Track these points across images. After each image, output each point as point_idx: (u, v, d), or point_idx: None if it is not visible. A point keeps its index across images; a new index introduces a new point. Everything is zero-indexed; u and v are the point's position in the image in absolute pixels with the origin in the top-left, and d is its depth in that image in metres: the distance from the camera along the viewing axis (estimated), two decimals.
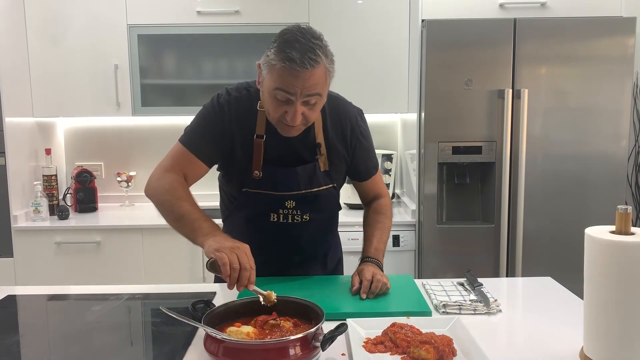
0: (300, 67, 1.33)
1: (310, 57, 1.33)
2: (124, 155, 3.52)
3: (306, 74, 1.34)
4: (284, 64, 1.34)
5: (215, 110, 1.57)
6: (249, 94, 1.57)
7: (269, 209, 1.59)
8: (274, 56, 1.37)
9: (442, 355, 1.12)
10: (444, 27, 2.72)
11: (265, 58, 1.41)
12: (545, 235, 2.79)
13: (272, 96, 1.40)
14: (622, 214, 1.08)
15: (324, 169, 1.60)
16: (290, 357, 1.08)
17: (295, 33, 1.37)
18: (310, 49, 1.34)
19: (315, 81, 1.37)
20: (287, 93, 1.37)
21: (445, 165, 2.84)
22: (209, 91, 3.14)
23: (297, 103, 1.38)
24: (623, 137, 2.75)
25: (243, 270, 1.27)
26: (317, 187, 1.60)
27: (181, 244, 2.95)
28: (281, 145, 1.54)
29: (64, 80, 3.12)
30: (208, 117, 1.59)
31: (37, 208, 3.01)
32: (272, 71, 1.38)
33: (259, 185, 1.57)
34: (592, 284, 1.10)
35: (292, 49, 1.34)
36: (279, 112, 1.41)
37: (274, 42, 1.40)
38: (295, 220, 1.60)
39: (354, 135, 1.64)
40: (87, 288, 1.69)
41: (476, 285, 1.55)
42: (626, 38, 2.69)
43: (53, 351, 1.29)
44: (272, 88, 1.38)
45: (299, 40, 1.35)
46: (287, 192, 1.57)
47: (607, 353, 1.08)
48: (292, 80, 1.35)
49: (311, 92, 1.37)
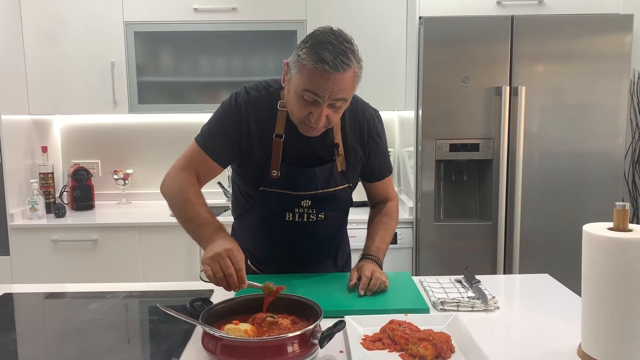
0: (332, 69, 1.32)
1: (343, 60, 1.33)
2: (121, 153, 3.51)
3: (337, 77, 1.34)
4: (317, 65, 1.33)
5: (232, 110, 1.54)
6: (268, 93, 1.55)
7: (285, 208, 1.59)
8: (306, 56, 1.35)
9: (440, 352, 1.12)
10: (442, 25, 2.72)
11: (295, 57, 1.39)
12: (543, 232, 2.80)
13: (299, 96, 1.39)
14: (619, 210, 1.08)
15: (341, 169, 1.61)
16: (288, 354, 1.08)
17: (329, 35, 1.36)
18: (343, 52, 1.34)
19: (344, 85, 1.37)
20: (315, 95, 1.36)
21: (443, 163, 2.84)
22: (206, 88, 3.19)
23: (324, 105, 1.38)
24: (620, 134, 2.75)
25: (228, 277, 1.29)
26: (334, 187, 1.60)
27: (178, 241, 2.96)
28: (300, 144, 1.54)
29: (61, 78, 3.11)
30: (225, 117, 1.56)
31: (34, 206, 3.00)
32: (302, 71, 1.37)
33: (276, 185, 1.56)
34: (590, 280, 1.10)
35: (325, 50, 1.33)
36: (304, 112, 1.41)
37: (305, 43, 1.38)
38: (311, 219, 1.61)
39: (371, 136, 1.64)
40: (84, 286, 1.69)
41: (474, 283, 1.55)
42: (623, 35, 2.69)
43: (50, 349, 1.29)
44: (300, 88, 1.38)
45: (332, 42, 1.34)
46: (304, 192, 1.57)
47: (605, 350, 1.09)
48: (322, 82, 1.34)
49: (339, 96, 1.38)
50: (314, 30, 1.40)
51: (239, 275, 1.30)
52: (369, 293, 1.48)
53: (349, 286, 1.52)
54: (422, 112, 2.78)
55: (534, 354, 1.17)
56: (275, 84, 1.57)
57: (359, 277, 1.52)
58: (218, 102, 3.25)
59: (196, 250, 2.95)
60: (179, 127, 3.50)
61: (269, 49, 3.13)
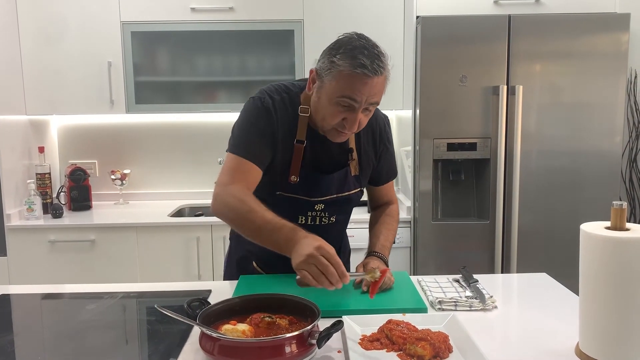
0: (371, 73, 1.34)
1: (379, 64, 1.36)
2: (118, 153, 3.50)
3: (374, 81, 1.36)
4: (356, 70, 1.34)
5: (263, 113, 1.52)
6: (289, 97, 1.55)
7: (299, 212, 1.59)
8: (342, 62, 1.36)
9: (438, 352, 1.12)
10: (439, 24, 2.72)
11: (327, 64, 1.40)
12: (540, 231, 2.80)
13: (334, 103, 1.40)
14: (617, 209, 1.08)
15: (355, 174, 1.62)
16: (285, 354, 1.08)
17: (360, 40, 1.39)
18: (377, 55, 1.37)
19: (379, 89, 1.40)
20: (353, 100, 1.37)
21: (440, 162, 2.84)
22: (203, 88, 3.19)
23: (359, 110, 1.39)
24: (617, 133, 2.75)
25: (329, 276, 1.23)
26: (347, 192, 1.62)
27: (176, 242, 2.95)
28: (318, 150, 1.55)
29: (57, 78, 3.10)
30: (258, 121, 1.52)
31: (31, 206, 2.99)
32: (339, 77, 1.37)
33: (294, 190, 1.56)
34: (588, 279, 1.10)
35: (362, 55, 1.35)
36: (338, 118, 1.42)
37: (336, 49, 1.39)
38: (323, 222, 1.62)
39: (382, 141, 1.67)
40: (81, 287, 1.68)
41: (472, 282, 1.55)
42: (620, 34, 2.69)
43: (47, 350, 1.28)
44: (337, 94, 1.38)
45: (366, 47, 1.37)
46: (320, 198, 1.58)
47: (602, 348, 1.09)
48: (360, 87, 1.36)
49: (373, 100, 1.40)
50: (343, 38, 1.42)
51: (339, 271, 1.24)
52: None
53: (355, 282, 1.53)
54: (419, 112, 2.78)
55: (531, 353, 1.17)
56: (295, 87, 1.56)
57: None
58: (215, 101, 3.29)
59: (193, 251, 2.94)
60: (176, 127, 3.50)
61: (266, 49, 3.13)
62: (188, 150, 3.52)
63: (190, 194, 3.51)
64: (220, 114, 3.34)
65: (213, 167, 3.44)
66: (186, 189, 3.53)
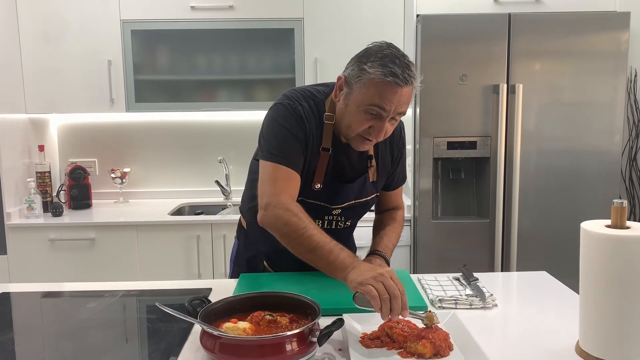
0: (403, 82, 1.34)
1: (409, 73, 1.36)
2: (118, 151, 3.50)
3: (403, 90, 1.36)
4: (388, 78, 1.34)
5: (296, 119, 1.49)
6: (315, 103, 1.53)
7: (317, 216, 1.58)
8: (374, 70, 1.35)
9: (439, 350, 1.12)
10: (439, 22, 2.72)
11: (357, 72, 1.39)
12: (540, 229, 2.80)
13: (362, 110, 1.40)
14: (617, 208, 1.08)
15: (372, 180, 1.62)
16: (286, 352, 1.08)
17: (390, 49, 1.39)
18: (407, 65, 1.37)
19: (408, 99, 1.40)
20: (382, 109, 1.38)
21: (440, 161, 2.85)
22: (203, 87, 3.19)
23: (387, 119, 1.40)
24: (617, 132, 2.76)
25: (394, 299, 1.18)
26: (365, 197, 1.63)
27: (176, 240, 2.95)
28: (342, 158, 1.56)
29: (57, 77, 3.10)
30: (293, 127, 1.49)
31: (31, 205, 2.99)
32: (369, 85, 1.37)
33: (316, 197, 1.56)
34: (588, 278, 1.11)
35: (394, 64, 1.35)
36: (365, 126, 1.42)
37: (368, 57, 1.38)
38: (339, 226, 1.63)
39: (398, 147, 1.68)
40: (81, 285, 1.68)
41: (472, 280, 1.55)
42: (620, 33, 2.69)
43: (48, 348, 1.28)
44: (366, 103, 1.38)
45: (397, 56, 1.37)
46: (339, 205, 1.59)
47: (603, 346, 1.09)
48: (390, 96, 1.36)
49: (402, 109, 1.41)
50: (371, 46, 1.41)
51: (403, 300, 1.19)
52: None
53: None
54: (419, 110, 2.78)
55: (532, 351, 1.17)
56: (319, 94, 1.55)
57: None
58: (215, 100, 3.29)
59: (194, 249, 2.95)
60: (176, 125, 3.49)
61: (266, 47, 3.13)
62: (188, 149, 3.52)
63: (190, 193, 3.51)
64: (220, 112, 3.34)
65: (213, 165, 3.44)
66: (186, 188, 3.53)
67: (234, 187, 3.43)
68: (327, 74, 3.05)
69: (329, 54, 3.06)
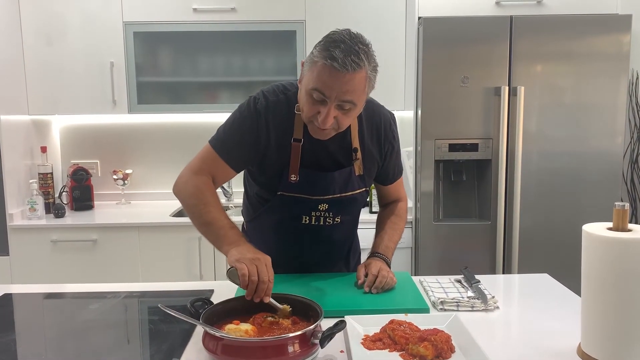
0: (340, 67, 1.30)
1: (353, 59, 1.31)
2: (120, 153, 3.51)
3: (345, 77, 1.32)
4: (326, 62, 1.32)
5: (252, 116, 1.51)
6: (286, 97, 1.54)
7: (302, 211, 1.58)
8: (317, 53, 1.35)
9: (441, 352, 1.13)
10: (441, 25, 2.72)
11: (309, 55, 1.39)
12: (541, 232, 2.80)
13: (308, 94, 1.39)
14: (619, 210, 1.09)
15: (359, 173, 1.61)
16: (288, 354, 1.08)
17: (343, 35, 1.36)
18: (355, 52, 1.32)
19: (353, 87, 1.34)
20: (322, 94, 1.35)
21: (442, 163, 2.85)
22: (206, 89, 3.19)
23: (331, 106, 1.36)
24: (618, 134, 2.75)
25: (261, 283, 1.27)
26: (352, 191, 1.61)
27: (178, 241, 2.96)
28: (318, 149, 1.54)
29: (60, 78, 3.10)
30: (243, 123, 1.52)
31: (33, 206, 3.00)
32: (312, 68, 1.36)
33: (295, 189, 1.55)
34: (590, 280, 1.11)
35: (337, 48, 1.32)
36: (313, 111, 1.40)
37: (320, 41, 1.38)
38: (327, 222, 1.61)
39: (387, 139, 1.65)
40: (83, 286, 1.69)
41: (473, 282, 1.56)
42: (622, 35, 2.69)
43: (49, 350, 1.29)
44: (310, 86, 1.37)
45: (345, 41, 1.33)
46: (322, 197, 1.57)
47: (604, 349, 1.09)
48: (329, 80, 1.33)
49: (346, 98, 1.35)
50: (331, 31, 1.39)
51: (268, 287, 1.28)
52: (375, 291, 1.49)
53: (357, 284, 1.53)
54: (421, 112, 2.78)
55: (533, 353, 1.17)
56: (293, 87, 1.55)
57: (366, 274, 1.53)
58: (217, 102, 3.30)
59: (195, 251, 2.95)
60: (178, 127, 3.50)
61: (268, 49, 3.13)
62: (190, 151, 3.46)
63: None
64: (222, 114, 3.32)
65: None
66: None
67: (235, 189, 3.43)
68: None
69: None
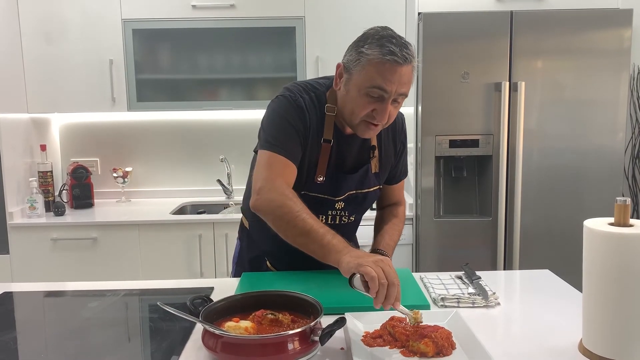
0: (402, 60, 1.35)
1: (407, 52, 1.36)
2: (120, 151, 3.51)
3: (403, 69, 1.36)
4: (386, 57, 1.34)
5: (298, 111, 1.49)
6: (316, 96, 1.53)
7: (320, 211, 1.57)
8: (371, 51, 1.36)
9: (441, 349, 1.12)
10: (441, 20, 2.72)
11: (355, 56, 1.40)
12: (542, 227, 2.80)
13: (363, 93, 1.39)
14: (620, 205, 1.08)
15: (375, 171, 1.61)
16: (288, 351, 1.08)
17: (387, 30, 1.40)
18: (404, 45, 1.37)
19: (408, 78, 1.39)
20: (383, 90, 1.37)
21: (443, 159, 2.84)
22: (205, 86, 3.19)
23: (389, 101, 1.39)
24: (620, 129, 2.75)
25: (391, 286, 1.18)
26: (367, 189, 1.61)
27: (178, 239, 2.95)
28: (344, 149, 1.55)
29: (59, 76, 3.10)
30: (292, 118, 1.49)
31: (33, 204, 2.99)
32: (369, 66, 1.37)
33: (320, 190, 1.55)
34: (591, 276, 1.10)
35: (391, 43, 1.35)
36: (368, 110, 1.41)
37: (365, 40, 1.39)
38: (343, 221, 1.62)
39: (400, 139, 1.67)
40: (83, 284, 1.68)
41: (474, 279, 1.55)
42: (623, 30, 2.68)
43: (50, 348, 1.28)
44: (366, 85, 1.38)
45: (394, 36, 1.38)
46: (341, 196, 1.58)
47: (606, 345, 1.08)
48: (390, 75, 1.36)
49: (403, 90, 1.39)
50: (369, 31, 1.42)
51: (398, 290, 1.19)
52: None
53: None
54: (421, 108, 2.77)
55: (535, 349, 1.17)
56: (321, 86, 1.55)
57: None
58: (217, 99, 3.29)
59: (195, 248, 2.95)
60: (178, 124, 3.49)
61: (267, 46, 3.13)
62: (190, 148, 3.52)
63: (192, 192, 3.51)
64: (221, 111, 3.34)
65: (215, 164, 3.44)
66: (188, 187, 3.53)
67: (235, 186, 3.43)
68: (328, 72, 3.02)
69: (331, 52, 3.05)
